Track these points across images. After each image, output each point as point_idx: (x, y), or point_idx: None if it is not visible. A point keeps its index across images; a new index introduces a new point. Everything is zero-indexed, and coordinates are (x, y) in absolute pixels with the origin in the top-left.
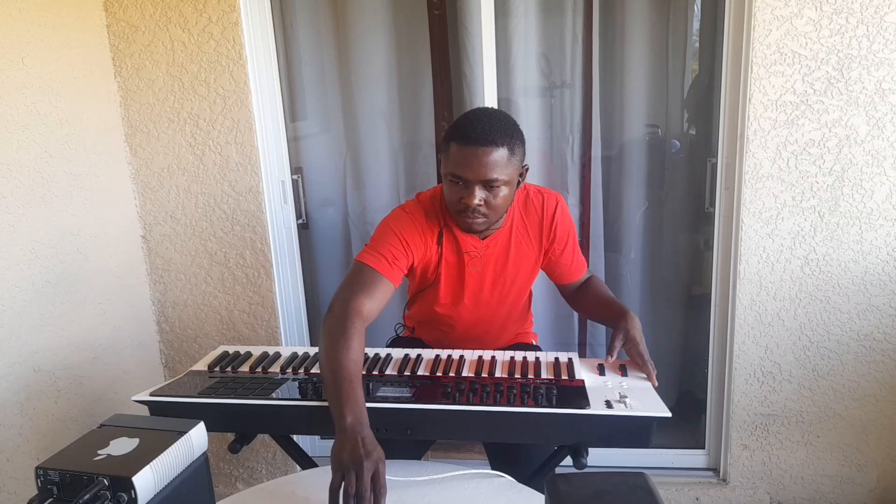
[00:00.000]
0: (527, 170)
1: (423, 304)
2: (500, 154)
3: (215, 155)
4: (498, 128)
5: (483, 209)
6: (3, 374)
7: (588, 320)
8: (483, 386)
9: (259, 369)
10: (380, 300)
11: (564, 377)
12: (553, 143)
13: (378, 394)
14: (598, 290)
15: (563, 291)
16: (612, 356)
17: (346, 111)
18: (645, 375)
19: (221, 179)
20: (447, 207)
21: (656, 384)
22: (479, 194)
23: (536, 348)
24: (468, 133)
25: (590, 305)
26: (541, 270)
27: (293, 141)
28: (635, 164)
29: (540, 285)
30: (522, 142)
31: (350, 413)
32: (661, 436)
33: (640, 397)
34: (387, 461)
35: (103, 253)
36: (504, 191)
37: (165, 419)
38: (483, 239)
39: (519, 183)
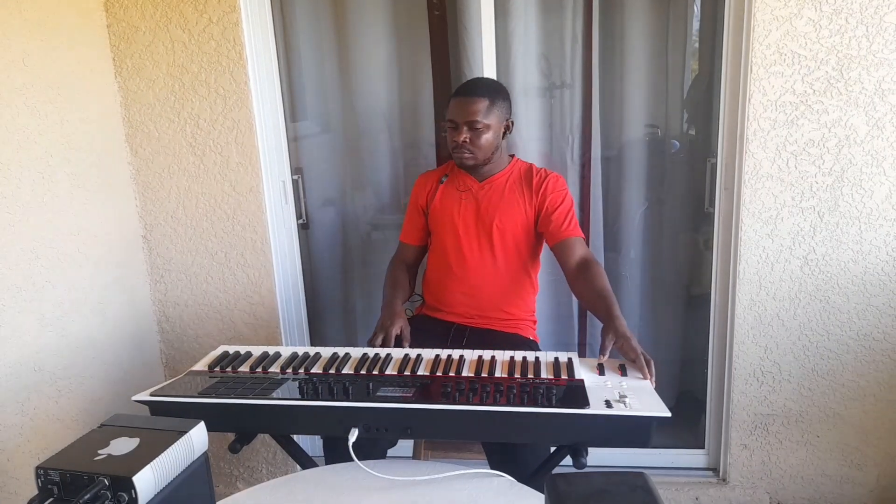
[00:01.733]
0: (512, 124)
1: (431, 256)
2: (481, 104)
3: (216, 155)
4: (483, 85)
5: (469, 146)
6: (3, 374)
7: (588, 319)
8: (483, 386)
9: (259, 369)
10: (410, 255)
11: (564, 377)
12: (553, 144)
13: (378, 394)
14: (594, 278)
15: (564, 266)
16: (603, 356)
17: (346, 111)
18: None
19: (222, 179)
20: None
21: (650, 375)
22: (465, 133)
23: (535, 344)
24: (460, 88)
25: (582, 292)
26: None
27: (293, 141)
28: (635, 165)
29: (541, 285)
30: (505, 99)
31: (387, 302)
32: (660, 435)
33: (640, 397)
34: (384, 461)
35: (104, 253)
36: (487, 134)
37: (166, 419)
38: (481, 182)
39: (505, 134)
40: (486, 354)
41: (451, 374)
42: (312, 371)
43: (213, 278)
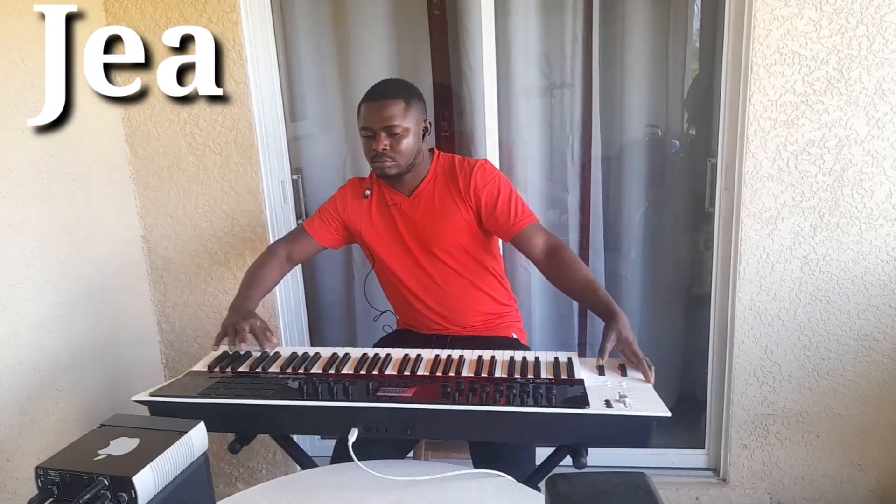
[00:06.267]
0: (430, 125)
1: (382, 279)
2: (397, 106)
3: (215, 155)
4: (395, 86)
5: (390, 153)
6: (3, 374)
7: (588, 319)
8: (483, 386)
9: (259, 369)
10: (300, 248)
11: (564, 377)
12: (553, 143)
13: (378, 394)
14: (574, 269)
15: (532, 258)
16: (602, 358)
17: (346, 111)
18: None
19: (221, 179)
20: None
21: (652, 380)
22: (384, 140)
23: (517, 342)
24: (370, 93)
25: (566, 286)
26: (496, 238)
27: (293, 141)
28: (635, 165)
29: (539, 284)
30: (420, 99)
31: (237, 299)
32: (660, 436)
33: (640, 397)
34: (385, 461)
35: (103, 253)
36: (407, 139)
37: (166, 419)
38: (409, 196)
39: (424, 136)
40: (486, 354)
41: (451, 374)
42: (312, 371)
43: (213, 278)
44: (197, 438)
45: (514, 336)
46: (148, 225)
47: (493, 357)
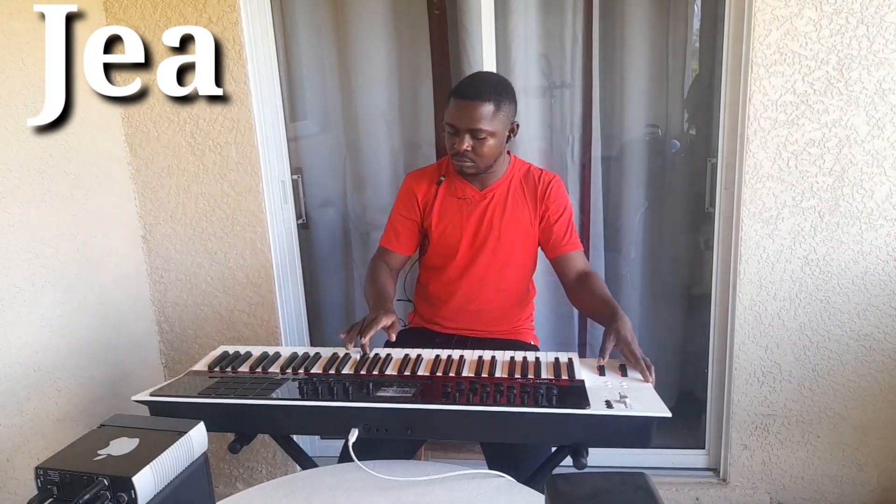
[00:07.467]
0: (517, 126)
1: (426, 267)
2: (486, 109)
3: (215, 155)
4: (487, 86)
5: (471, 154)
6: (3, 374)
7: (588, 319)
8: (483, 386)
9: (259, 369)
10: (400, 265)
11: (564, 377)
12: (553, 144)
13: (378, 394)
14: (595, 287)
15: (563, 279)
16: (603, 358)
17: (346, 111)
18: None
19: (221, 179)
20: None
21: (651, 379)
22: (467, 141)
23: (534, 349)
24: (462, 89)
25: (585, 301)
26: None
27: (293, 141)
28: (635, 165)
29: (541, 285)
30: (511, 101)
31: (372, 301)
32: (661, 436)
33: (640, 397)
34: (386, 462)
35: (103, 253)
36: (490, 141)
37: (165, 419)
38: (482, 190)
39: (509, 137)
40: (487, 355)
41: (452, 374)
42: (312, 371)
43: (213, 278)
44: (197, 438)
45: (532, 343)
46: (148, 225)
47: (493, 357)
